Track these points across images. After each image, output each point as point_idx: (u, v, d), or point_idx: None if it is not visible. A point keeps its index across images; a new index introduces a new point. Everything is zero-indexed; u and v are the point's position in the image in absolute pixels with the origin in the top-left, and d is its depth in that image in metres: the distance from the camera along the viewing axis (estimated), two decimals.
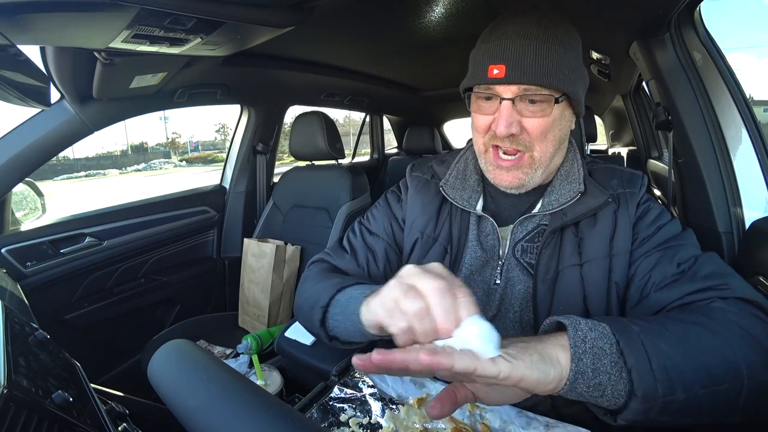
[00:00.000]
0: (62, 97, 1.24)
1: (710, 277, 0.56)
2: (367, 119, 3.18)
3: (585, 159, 0.74)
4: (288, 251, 1.63)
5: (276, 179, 2.07)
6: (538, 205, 0.69)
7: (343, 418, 0.58)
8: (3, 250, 1.26)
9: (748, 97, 0.96)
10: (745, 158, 0.94)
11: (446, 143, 3.78)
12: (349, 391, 0.63)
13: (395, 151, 3.50)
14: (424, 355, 0.37)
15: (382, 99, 2.71)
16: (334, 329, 0.62)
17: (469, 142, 0.76)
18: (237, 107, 2.00)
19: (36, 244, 1.33)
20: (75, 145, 1.36)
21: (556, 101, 0.60)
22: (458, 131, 4.12)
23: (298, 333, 1.17)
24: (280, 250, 1.59)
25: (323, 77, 1.93)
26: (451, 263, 0.71)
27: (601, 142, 4.06)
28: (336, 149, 1.71)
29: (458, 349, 0.39)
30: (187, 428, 0.34)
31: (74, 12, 0.75)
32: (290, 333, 1.19)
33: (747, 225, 0.91)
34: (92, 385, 0.51)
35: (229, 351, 1.37)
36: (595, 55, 1.73)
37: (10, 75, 0.74)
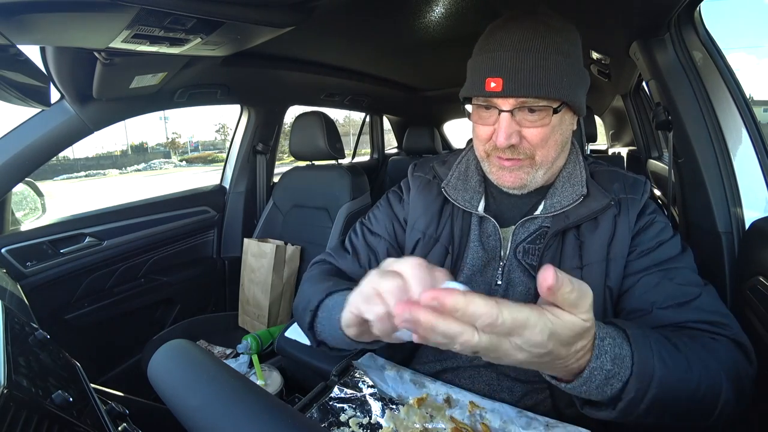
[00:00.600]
0: (62, 97, 1.24)
1: (715, 313, 0.58)
2: (367, 119, 3.18)
3: (587, 160, 0.74)
4: (288, 251, 1.63)
5: (276, 179, 2.07)
6: (540, 206, 0.69)
7: (343, 418, 0.58)
8: (3, 250, 1.26)
9: (748, 97, 0.96)
10: (745, 158, 0.94)
11: (446, 143, 3.77)
12: (349, 391, 0.63)
13: (395, 151, 3.50)
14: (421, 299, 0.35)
15: (382, 99, 2.71)
16: (320, 334, 0.62)
17: (470, 142, 0.76)
18: (237, 107, 2.00)
19: (36, 244, 1.33)
20: (75, 145, 1.35)
21: (555, 111, 0.60)
22: (458, 131, 4.13)
23: (298, 333, 1.17)
24: (280, 250, 1.59)
25: (323, 77, 1.93)
26: (453, 264, 0.71)
27: (601, 142, 4.06)
28: (336, 149, 1.70)
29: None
30: (187, 428, 0.34)
31: (74, 12, 0.74)
32: (290, 333, 1.19)
33: (747, 225, 0.91)
34: (92, 385, 0.51)
35: (229, 351, 1.37)
36: (595, 55, 1.73)
37: (10, 75, 0.74)
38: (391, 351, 0.74)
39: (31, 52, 0.83)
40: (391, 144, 3.59)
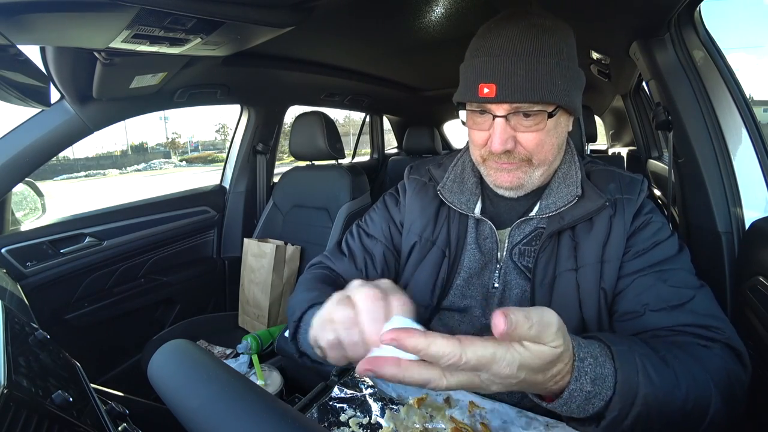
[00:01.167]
0: (62, 97, 1.24)
1: (708, 317, 0.57)
2: (367, 119, 3.18)
3: (584, 160, 0.73)
4: (288, 251, 1.62)
5: (276, 179, 2.07)
6: (536, 208, 0.68)
7: (343, 418, 0.58)
8: (3, 250, 1.26)
9: (748, 97, 0.96)
10: (745, 158, 0.94)
11: (446, 143, 3.77)
12: (349, 391, 0.63)
13: (395, 151, 3.49)
14: (363, 364, 0.35)
15: (382, 99, 2.71)
16: (302, 345, 0.60)
17: (467, 143, 0.76)
18: (237, 107, 2.00)
19: (36, 244, 1.33)
20: (75, 145, 1.35)
21: (550, 115, 0.60)
22: (458, 131, 4.12)
23: None
24: (280, 250, 1.59)
25: (323, 77, 1.93)
26: (450, 266, 0.71)
27: (601, 142, 4.06)
28: (336, 149, 1.70)
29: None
30: (187, 428, 0.34)
31: (74, 12, 0.75)
32: None
33: (747, 225, 0.91)
34: (92, 385, 0.51)
35: (229, 351, 1.37)
36: (595, 55, 1.73)
37: (10, 75, 0.74)
38: None
39: (31, 52, 0.83)
40: (391, 144, 3.59)
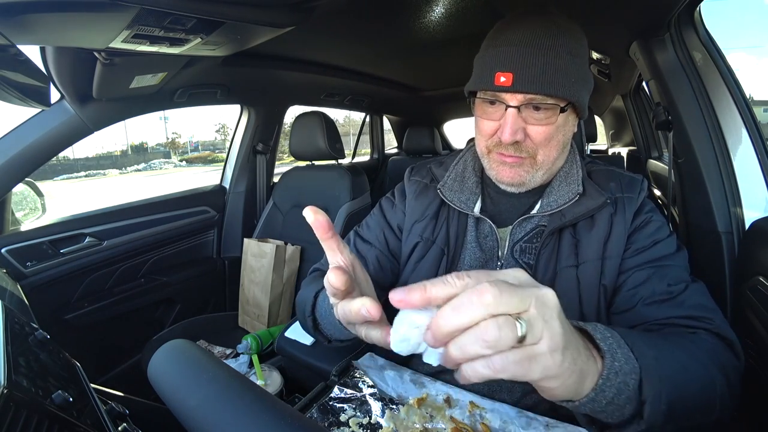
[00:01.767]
0: (62, 97, 1.24)
1: (697, 308, 0.57)
2: (367, 119, 3.18)
3: (585, 160, 0.74)
4: (288, 251, 1.62)
5: (276, 179, 2.07)
6: (537, 206, 0.69)
7: (343, 418, 0.58)
8: (3, 250, 1.26)
9: (748, 97, 0.96)
10: (745, 158, 0.94)
11: (446, 143, 3.77)
12: (349, 391, 0.63)
13: (395, 151, 3.50)
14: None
15: (382, 99, 2.71)
16: (326, 331, 0.63)
17: (469, 142, 0.76)
18: (237, 107, 2.00)
19: (36, 244, 1.33)
20: (75, 145, 1.35)
21: (562, 110, 0.60)
22: (458, 131, 4.12)
23: (298, 333, 1.17)
24: (280, 250, 1.59)
25: (323, 77, 1.93)
26: (449, 265, 0.71)
27: (601, 142, 4.06)
28: (336, 149, 1.70)
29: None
30: (187, 428, 0.34)
31: (74, 12, 0.74)
32: (290, 333, 1.19)
33: (747, 225, 0.92)
34: (92, 385, 0.51)
35: (229, 351, 1.37)
36: (595, 55, 1.73)
37: (10, 75, 0.74)
38: (391, 351, 0.73)
39: (31, 52, 0.83)
40: (391, 144, 3.59)
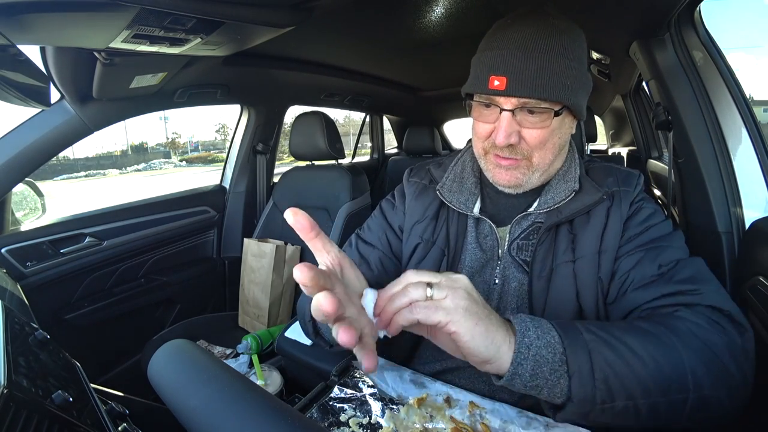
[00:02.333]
0: (62, 97, 1.24)
1: (685, 281, 0.56)
2: (367, 119, 3.17)
3: (583, 158, 0.74)
4: (288, 251, 1.62)
5: (276, 179, 2.07)
6: (535, 204, 0.69)
7: (343, 418, 0.58)
8: (3, 250, 1.26)
9: (748, 97, 0.96)
10: (745, 158, 0.94)
11: (446, 143, 3.77)
12: (349, 391, 0.63)
13: (395, 151, 3.50)
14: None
15: (382, 99, 2.71)
16: (327, 336, 0.64)
17: (468, 143, 0.76)
18: (237, 107, 2.00)
19: (36, 244, 1.33)
20: (75, 145, 1.35)
21: (556, 114, 0.60)
22: (458, 131, 4.12)
23: (298, 333, 1.16)
24: (280, 250, 1.59)
25: (323, 77, 1.93)
26: (449, 265, 0.71)
27: (601, 142, 4.06)
28: (336, 149, 1.71)
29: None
30: (187, 428, 0.34)
31: (74, 12, 0.74)
32: (290, 333, 1.19)
33: (747, 225, 0.92)
34: (92, 385, 0.51)
35: (229, 351, 1.37)
36: (595, 55, 1.73)
37: (10, 75, 0.74)
38: (391, 351, 0.74)
39: (31, 52, 0.83)
40: (391, 144, 3.59)
